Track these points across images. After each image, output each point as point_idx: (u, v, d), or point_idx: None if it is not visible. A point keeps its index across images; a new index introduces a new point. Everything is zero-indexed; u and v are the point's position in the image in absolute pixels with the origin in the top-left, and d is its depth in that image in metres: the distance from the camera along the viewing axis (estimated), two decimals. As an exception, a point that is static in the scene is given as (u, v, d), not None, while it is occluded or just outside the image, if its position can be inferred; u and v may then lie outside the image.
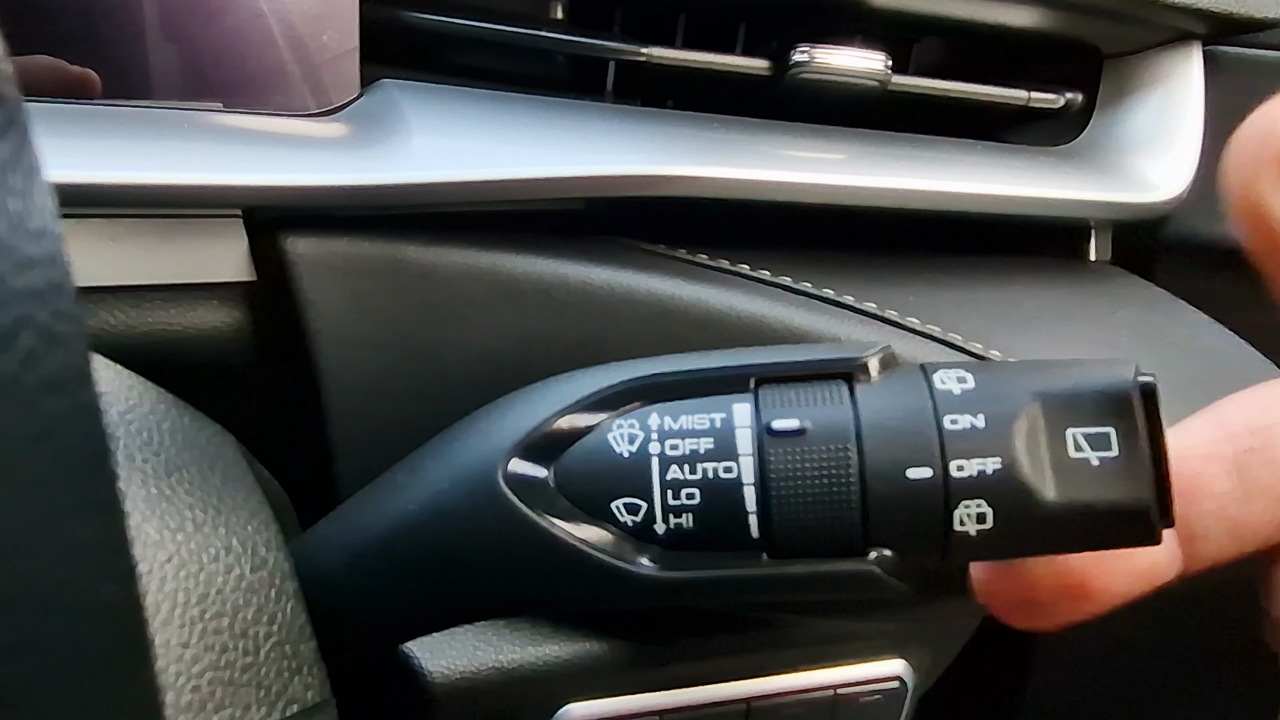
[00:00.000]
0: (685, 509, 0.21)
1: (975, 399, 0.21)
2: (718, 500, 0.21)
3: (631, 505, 0.22)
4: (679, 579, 0.22)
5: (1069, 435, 0.20)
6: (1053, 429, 0.21)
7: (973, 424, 0.20)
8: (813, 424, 0.21)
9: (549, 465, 0.22)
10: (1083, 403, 0.21)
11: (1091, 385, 0.21)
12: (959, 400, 0.21)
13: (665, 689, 0.31)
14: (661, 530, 0.22)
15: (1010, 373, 0.21)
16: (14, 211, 0.12)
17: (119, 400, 0.22)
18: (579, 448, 0.22)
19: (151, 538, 0.20)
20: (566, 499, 0.22)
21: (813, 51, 0.38)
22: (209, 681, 0.19)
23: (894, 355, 0.23)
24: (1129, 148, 0.44)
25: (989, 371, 0.22)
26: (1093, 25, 0.44)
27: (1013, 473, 0.20)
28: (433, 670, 0.29)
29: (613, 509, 0.22)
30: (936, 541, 0.21)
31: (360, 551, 0.24)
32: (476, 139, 0.32)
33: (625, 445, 0.22)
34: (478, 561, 0.23)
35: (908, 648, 0.34)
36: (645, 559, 0.22)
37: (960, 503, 0.20)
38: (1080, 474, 0.20)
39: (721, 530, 0.21)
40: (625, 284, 0.32)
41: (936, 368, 0.22)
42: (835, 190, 0.36)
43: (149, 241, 0.29)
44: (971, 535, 0.20)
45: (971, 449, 0.20)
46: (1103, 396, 0.21)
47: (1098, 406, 0.21)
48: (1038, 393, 0.21)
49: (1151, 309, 0.41)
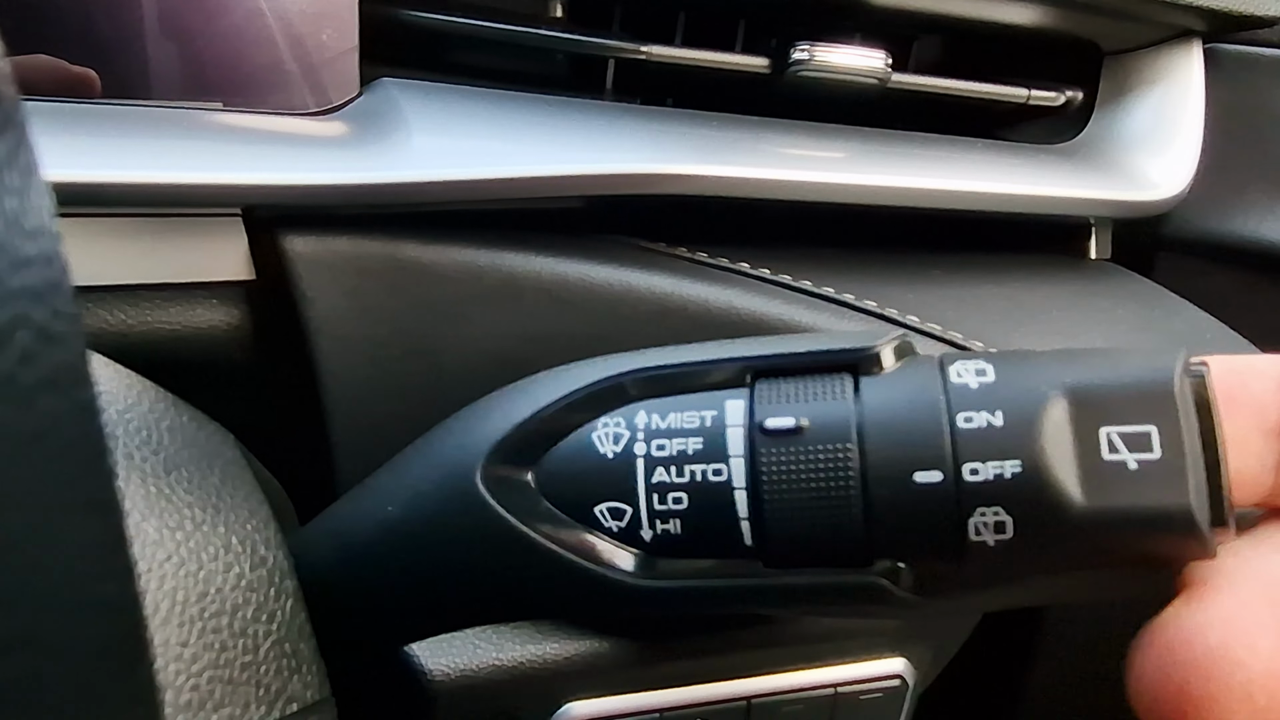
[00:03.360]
0: (672, 514, 0.20)
1: (994, 393, 0.19)
2: (707, 505, 0.20)
3: (616, 510, 0.20)
4: (667, 588, 0.20)
5: (1102, 435, 0.18)
6: (1083, 427, 0.18)
7: (989, 422, 0.18)
8: (810, 422, 0.19)
9: (530, 467, 0.21)
10: (1119, 398, 0.18)
11: (1129, 378, 0.19)
12: (975, 395, 0.19)
13: (665, 687, 0.31)
14: (648, 536, 0.20)
15: (1036, 364, 0.19)
16: (10, 210, 0.12)
17: (118, 399, 0.22)
18: (561, 448, 0.21)
19: (150, 536, 0.20)
20: (548, 502, 0.21)
21: (812, 49, 0.38)
22: (208, 680, 0.19)
23: (910, 344, 0.21)
24: (1129, 145, 0.44)
25: (1013, 363, 0.19)
26: (1093, 22, 0.43)
27: (1035, 476, 0.18)
28: (433, 668, 0.29)
29: (596, 513, 0.20)
30: (950, 552, 0.19)
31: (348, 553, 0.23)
32: (476, 138, 0.32)
33: (609, 445, 0.20)
34: (458, 567, 0.22)
35: (908, 646, 0.34)
36: (630, 566, 0.20)
37: (975, 510, 0.18)
38: (1115, 479, 0.18)
39: (712, 537, 0.20)
40: (625, 282, 0.32)
41: (955, 359, 0.20)
42: (835, 188, 0.36)
43: (148, 240, 0.29)
44: (989, 546, 0.18)
45: (988, 450, 0.18)
46: (1141, 390, 0.18)
47: (1136, 402, 0.18)
48: (1066, 386, 0.19)
49: (1151, 306, 0.41)
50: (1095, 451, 0.18)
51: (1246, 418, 0.19)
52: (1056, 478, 0.18)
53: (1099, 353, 0.20)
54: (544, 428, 0.21)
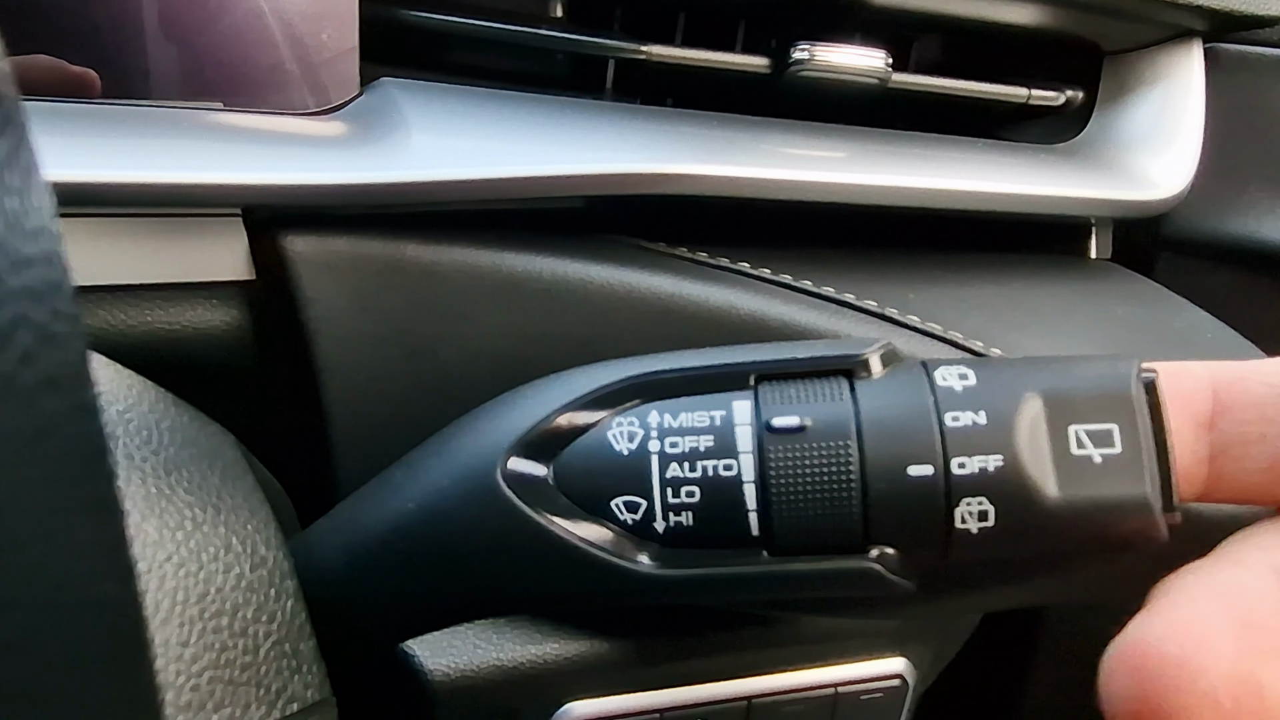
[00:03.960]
0: (685, 507, 0.21)
1: (977, 396, 0.21)
2: (718, 498, 0.21)
3: (631, 503, 0.22)
4: (679, 577, 0.21)
5: (1071, 432, 0.20)
6: (1055, 426, 0.20)
7: (974, 421, 0.20)
8: (813, 421, 0.21)
9: (548, 463, 0.22)
10: (1084, 399, 0.21)
11: (1093, 382, 0.21)
12: (960, 397, 0.21)
13: (665, 687, 0.31)
14: (661, 528, 0.21)
15: (1012, 369, 0.21)
16: (11, 210, 0.12)
17: (118, 399, 0.22)
18: (578, 445, 0.22)
19: (151, 537, 0.20)
20: (566, 497, 0.22)
21: (813, 49, 0.38)
22: (208, 680, 0.19)
23: (895, 351, 0.22)
24: (1129, 145, 0.44)
25: (990, 368, 0.21)
26: (1093, 22, 0.43)
27: (1015, 470, 0.20)
28: (433, 668, 0.29)
29: (612, 507, 0.22)
30: (938, 539, 0.20)
31: (358, 551, 0.24)
32: (476, 137, 0.32)
33: (625, 443, 0.22)
34: (477, 560, 0.23)
35: (909, 645, 0.34)
36: (645, 557, 0.22)
37: (961, 500, 0.20)
38: (1083, 471, 0.20)
39: (721, 528, 0.21)
40: (625, 282, 0.32)
41: (938, 364, 0.22)
42: (835, 188, 0.36)
43: (149, 240, 0.29)
44: (973, 533, 0.20)
45: (973, 446, 0.20)
46: (1104, 393, 0.21)
47: (1099, 403, 0.21)
48: (1040, 390, 0.21)
49: (1152, 306, 0.41)
50: (1066, 447, 0.20)
51: (1183, 414, 0.21)
52: (1033, 471, 0.20)
53: (1065, 359, 0.22)
54: (562, 426, 0.23)
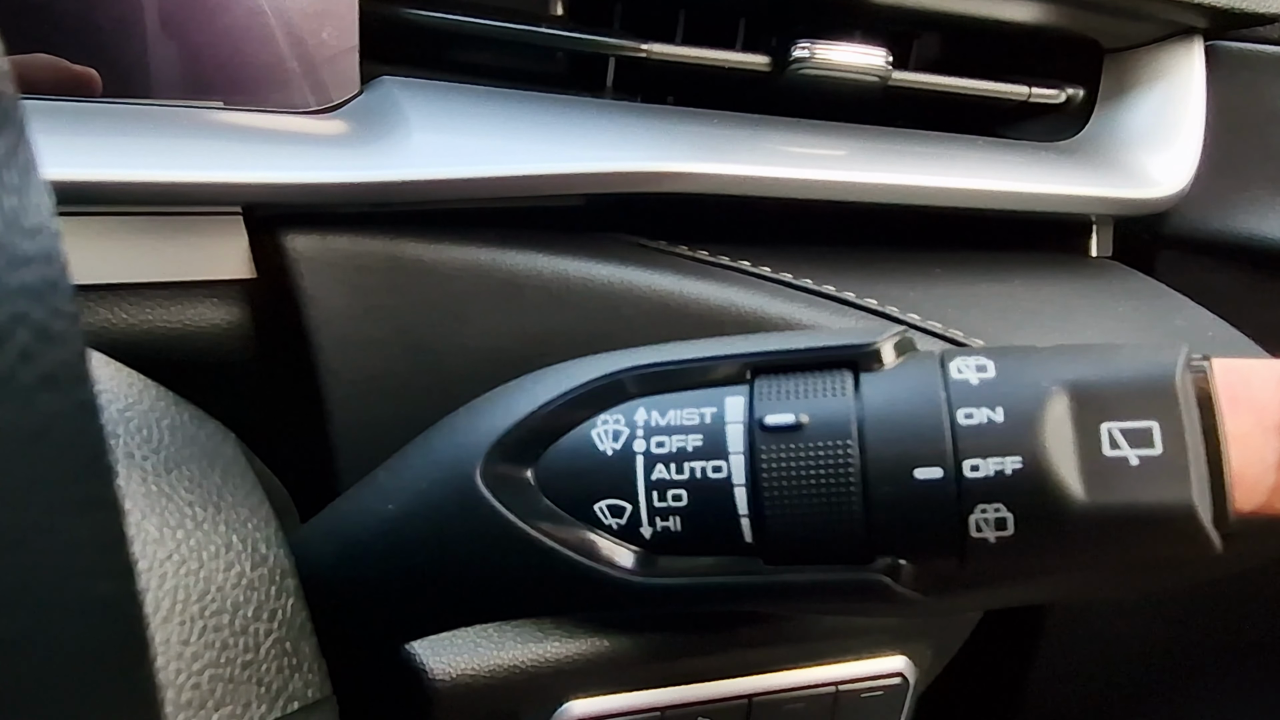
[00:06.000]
0: (672, 511, 0.20)
1: (994, 390, 0.19)
2: (707, 502, 0.20)
3: (615, 507, 0.20)
4: (666, 586, 0.20)
5: (1103, 430, 0.18)
6: (1084, 423, 0.18)
7: (990, 418, 0.18)
8: (810, 418, 0.19)
9: (530, 465, 0.21)
10: (1119, 393, 0.18)
11: (1130, 374, 0.18)
12: (976, 391, 0.19)
13: (666, 686, 0.31)
14: (648, 534, 0.20)
15: (1037, 360, 0.19)
16: (9, 208, 0.12)
17: (118, 397, 0.22)
18: (561, 446, 0.21)
19: (151, 535, 0.20)
20: (548, 500, 0.21)
21: (813, 47, 0.38)
22: (209, 679, 0.19)
23: (911, 340, 0.20)
24: (1130, 143, 0.44)
25: (1013, 359, 0.19)
26: (1093, 20, 0.43)
27: (1036, 473, 0.18)
28: (433, 667, 0.29)
29: (596, 511, 0.20)
30: (951, 549, 0.19)
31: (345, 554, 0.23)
32: (476, 136, 0.32)
33: (609, 443, 0.20)
34: (457, 565, 0.21)
35: (910, 644, 0.34)
36: (630, 564, 0.20)
37: (976, 506, 0.18)
38: (1116, 475, 0.18)
39: (711, 534, 0.20)
40: (626, 280, 0.32)
41: (955, 355, 0.20)
42: (835, 186, 0.36)
43: (149, 239, 0.29)
44: (990, 542, 0.18)
45: (987, 446, 0.18)
46: (1143, 386, 0.18)
47: (1137, 397, 0.18)
48: (1067, 382, 0.18)
49: (1153, 304, 0.41)
50: (1096, 447, 0.18)
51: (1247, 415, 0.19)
52: (1058, 474, 0.18)
53: (1100, 348, 0.19)
54: (543, 425, 0.21)
